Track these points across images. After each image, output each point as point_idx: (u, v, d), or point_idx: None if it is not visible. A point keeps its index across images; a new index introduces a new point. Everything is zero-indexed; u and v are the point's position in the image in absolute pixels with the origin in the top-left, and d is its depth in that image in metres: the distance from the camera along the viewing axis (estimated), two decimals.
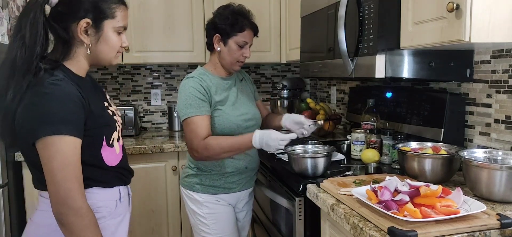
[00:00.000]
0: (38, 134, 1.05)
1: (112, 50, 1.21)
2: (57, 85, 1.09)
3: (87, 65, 1.22)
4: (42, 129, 1.05)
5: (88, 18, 1.13)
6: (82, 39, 1.14)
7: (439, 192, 1.14)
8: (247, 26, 1.71)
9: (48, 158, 1.05)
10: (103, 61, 1.22)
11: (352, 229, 1.16)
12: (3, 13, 2.25)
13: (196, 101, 1.64)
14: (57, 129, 1.05)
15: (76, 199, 1.06)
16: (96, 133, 1.17)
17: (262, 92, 3.40)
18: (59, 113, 1.07)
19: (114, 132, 1.24)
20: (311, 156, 1.65)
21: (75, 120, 1.09)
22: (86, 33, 1.15)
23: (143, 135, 2.92)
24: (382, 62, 1.50)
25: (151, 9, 2.72)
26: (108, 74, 3.09)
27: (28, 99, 1.07)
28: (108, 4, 1.16)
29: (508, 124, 1.51)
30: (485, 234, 1.05)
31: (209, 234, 1.77)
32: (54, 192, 1.06)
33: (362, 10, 1.58)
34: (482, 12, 1.19)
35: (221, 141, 1.62)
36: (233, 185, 1.79)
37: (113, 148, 1.23)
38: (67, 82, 1.11)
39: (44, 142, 1.05)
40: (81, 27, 1.13)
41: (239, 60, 1.75)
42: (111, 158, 1.22)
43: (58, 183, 1.05)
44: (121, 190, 1.28)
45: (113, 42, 1.20)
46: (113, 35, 1.19)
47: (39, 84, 1.08)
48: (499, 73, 1.53)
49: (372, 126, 1.92)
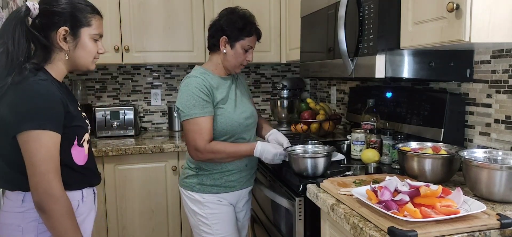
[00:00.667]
0: (22, 127, 1.15)
1: (89, 56, 1.33)
2: (42, 84, 1.19)
3: (65, 70, 1.32)
4: (28, 123, 1.15)
5: (66, 26, 1.25)
6: (61, 46, 1.26)
7: (439, 192, 1.14)
8: (254, 32, 1.77)
9: (32, 151, 1.15)
10: (80, 66, 1.33)
11: (352, 229, 1.16)
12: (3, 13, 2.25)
13: (200, 101, 1.65)
14: (42, 124, 1.16)
15: (56, 188, 1.18)
16: (70, 132, 1.26)
17: (262, 92, 3.40)
18: (43, 109, 1.17)
19: (86, 133, 1.35)
20: (311, 156, 1.64)
21: (57, 117, 1.20)
22: (65, 40, 1.26)
23: (143, 135, 2.92)
24: (382, 62, 1.50)
25: (151, 9, 2.72)
26: (108, 74, 3.09)
27: (13, 95, 1.17)
28: (84, 14, 1.28)
29: (508, 124, 1.51)
30: (485, 234, 1.05)
31: (211, 234, 1.77)
32: (37, 182, 1.16)
33: (362, 10, 1.58)
34: (482, 12, 1.18)
35: (227, 147, 1.69)
36: (233, 183, 1.79)
37: (83, 148, 1.33)
38: (49, 82, 1.23)
39: (29, 135, 1.15)
40: (60, 35, 1.25)
41: (243, 64, 1.79)
42: (79, 158, 1.31)
43: (41, 174, 1.15)
44: (84, 191, 1.36)
45: (90, 48, 1.32)
46: (90, 42, 1.31)
47: (23, 82, 1.17)
48: (499, 73, 1.53)
49: (372, 126, 1.92)
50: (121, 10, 2.67)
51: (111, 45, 2.66)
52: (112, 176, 2.50)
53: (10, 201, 1.26)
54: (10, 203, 1.25)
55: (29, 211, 1.23)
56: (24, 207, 1.23)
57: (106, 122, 2.80)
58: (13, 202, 1.25)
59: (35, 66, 1.22)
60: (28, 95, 1.17)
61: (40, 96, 1.18)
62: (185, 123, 1.67)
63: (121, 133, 2.83)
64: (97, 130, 2.79)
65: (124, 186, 2.52)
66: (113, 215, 2.53)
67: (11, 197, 1.25)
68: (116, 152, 2.45)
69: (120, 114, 2.82)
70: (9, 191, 1.26)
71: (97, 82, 3.08)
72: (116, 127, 2.82)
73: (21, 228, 1.23)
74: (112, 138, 2.78)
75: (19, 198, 1.24)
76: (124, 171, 2.51)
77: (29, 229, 1.24)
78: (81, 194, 1.34)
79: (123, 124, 2.83)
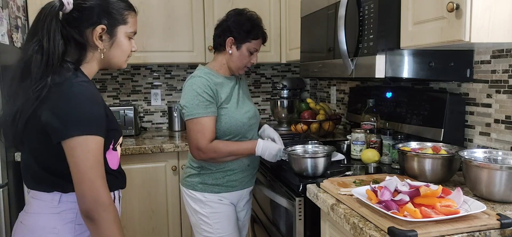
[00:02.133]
0: (69, 133, 1.08)
1: (124, 55, 1.27)
2: (86, 87, 1.14)
3: (97, 69, 1.26)
4: (75, 129, 1.08)
5: (103, 24, 1.18)
6: (97, 44, 1.18)
7: (439, 192, 1.14)
8: (261, 35, 1.78)
9: (80, 157, 1.08)
10: (114, 65, 1.28)
11: (352, 229, 1.16)
12: (3, 13, 2.25)
13: (204, 101, 1.65)
14: (89, 129, 1.09)
15: (105, 195, 1.11)
16: (108, 136, 1.19)
17: (262, 92, 3.40)
18: (90, 114, 1.11)
19: (120, 137, 1.30)
20: (311, 156, 1.64)
21: (101, 121, 1.14)
22: (101, 38, 1.19)
23: (143, 135, 2.92)
24: (382, 62, 1.50)
25: (151, 9, 2.72)
26: (108, 74, 3.09)
27: (57, 98, 1.09)
28: (120, 11, 1.21)
29: (508, 124, 1.51)
30: (485, 234, 1.05)
31: (212, 233, 1.77)
32: (86, 190, 1.09)
33: (362, 10, 1.58)
34: (482, 12, 1.18)
35: (228, 145, 1.69)
36: (235, 183, 1.79)
37: (116, 152, 1.27)
38: (92, 84, 1.18)
39: (76, 141, 1.08)
40: (97, 33, 1.17)
41: (247, 65, 1.80)
42: (113, 162, 1.26)
43: (90, 182, 1.09)
44: (116, 193, 1.32)
45: (125, 47, 1.26)
46: (125, 40, 1.25)
47: (66, 84, 1.11)
48: (499, 73, 1.53)
49: (372, 126, 1.92)
50: None
51: None
52: None
53: (41, 202, 1.17)
54: (42, 204, 1.17)
55: (65, 212, 1.17)
56: (60, 208, 1.17)
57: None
58: (46, 203, 1.17)
59: (74, 66, 1.16)
60: (73, 99, 1.10)
61: (85, 100, 1.11)
62: (188, 123, 1.67)
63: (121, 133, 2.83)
64: None
65: None
66: None
67: (45, 198, 1.17)
68: None
69: (120, 114, 2.82)
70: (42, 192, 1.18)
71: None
72: None
73: (57, 230, 1.16)
74: None
75: (55, 199, 1.16)
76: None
77: (65, 231, 1.17)
78: (113, 196, 1.28)
79: (123, 124, 2.83)
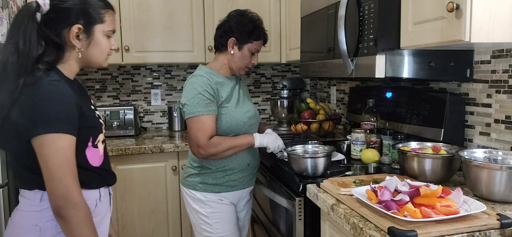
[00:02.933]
0: (37, 131, 1.10)
1: (103, 53, 1.27)
2: (55, 86, 1.14)
3: (77, 68, 1.27)
4: (42, 127, 1.10)
5: (80, 24, 1.19)
6: (74, 44, 1.20)
7: (439, 192, 1.14)
8: (262, 36, 1.80)
9: (48, 155, 1.10)
10: (94, 64, 1.28)
11: (352, 229, 1.16)
12: (3, 13, 2.25)
13: (205, 100, 1.66)
14: (57, 127, 1.11)
15: (74, 194, 1.13)
16: (84, 133, 1.21)
17: (262, 92, 3.40)
18: (58, 112, 1.12)
19: (100, 134, 1.30)
20: (311, 156, 1.65)
21: (72, 119, 1.15)
22: (78, 38, 1.20)
23: (143, 135, 2.92)
24: (382, 62, 1.50)
25: (151, 9, 2.72)
26: (108, 74, 3.09)
27: (26, 98, 1.11)
28: (97, 10, 1.22)
29: (508, 124, 1.51)
30: (485, 234, 1.05)
31: (212, 233, 1.78)
32: (54, 188, 1.11)
33: (362, 10, 1.58)
34: (482, 12, 1.18)
35: (227, 139, 1.70)
36: (235, 183, 1.79)
37: (97, 149, 1.28)
38: (63, 83, 1.17)
39: (44, 139, 1.10)
40: (73, 33, 1.18)
41: (248, 66, 1.81)
42: (94, 159, 1.27)
43: (58, 179, 1.11)
44: (102, 191, 1.32)
45: (104, 46, 1.26)
46: (103, 39, 1.25)
47: (36, 84, 1.12)
48: (499, 73, 1.53)
49: (372, 126, 1.92)
50: (121, 10, 2.66)
51: None
52: None
53: (26, 200, 1.21)
54: (26, 202, 1.20)
55: (47, 210, 1.18)
56: (42, 206, 1.19)
57: (106, 122, 2.80)
58: (30, 201, 1.20)
59: (48, 66, 1.17)
60: (42, 98, 1.11)
61: (53, 98, 1.12)
62: (189, 121, 1.68)
63: (121, 133, 2.83)
64: None
65: (124, 186, 2.52)
66: (113, 215, 2.51)
67: (28, 196, 1.20)
68: (116, 152, 2.45)
69: (120, 114, 2.82)
70: (26, 190, 1.21)
71: (97, 82, 3.08)
72: (116, 127, 2.82)
73: (39, 227, 1.19)
74: (112, 138, 2.78)
75: (37, 197, 1.19)
76: (124, 171, 2.51)
77: (46, 229, 1.19)
78: (99, 193, 1.30)
79: (123, 124, 2.83)
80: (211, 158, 1.72)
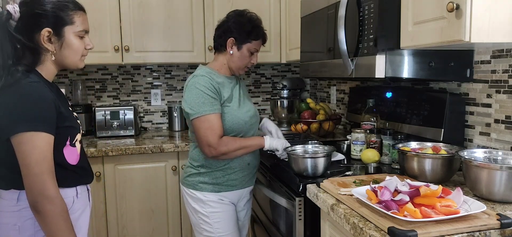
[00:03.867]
0: (16, 130, 1.16)
1: (76, 54, 1.31)
2: (34, 87, 1.20)
3: (55, 70, 1.32)
4: (21, 126, 1.16)
5: (49, 27, 1.23)
6: (46, 47, 1.25)
7: (439, 192, 1.14)
8: (261, 36, 1.80)
9: (26, 152, 1.16)
10: (69, 65, 1.32)
11: (352, 229, 1.16)
12: None
13: (209, 99, 1.66)
14: (34, 126, 1.17)
15: (51, 189, 1.18)
16: (62, 132, 1.26)
17: (262, 92, 3.40)
18: (36, 111, 1.18)
19: (78, 133, 1.36)
20: (311, 156, 1.65)
21: (49, 118, 1.21)
22: (50, 41, 1.25)
23: (143, 135, 2.92)
24: (382, 62, 1.50)
25: (151, 9, 2.72)
26: (108, 74, 3.09)
27: (6, 98, 1.18)
28: (65, 12, 1.26)
29: (508, 124, 1.51)
30: (485, 234, 1.05)
31: (212, 233, 1.77)
32: (31, 183, 1.17)
33: (362, 10, 1.58)
34: (482, 12, 1.18)
35: (237, 140, 1.71)
36: (235, 182, 1.80)
37: (75, 148, 1.34)
38: (42, 84, 1.24)
39: (22, 137, 1.16)
40: (43, 36, 1.24)
41: (247, 66, 1.82)
42: (72, 157, 1.32)
43: (35, 175, 1.16)
44: (78, 188, 1.37)
45: (76, 46, 1.30)
46: (75, 40, 1.29)
47: (16, 85, 1.18)
48: (499, 73, 1.53)
49: (372, 126, 1.92)
50: (121, 10, 2.67)
51: (111, 45, 2.67)
52: (112, 176, 2.50)
53: (4, 200, 1.26)
54: (4, 202, 1.26)
55: (25, 209, 1.24)
56: (20, 206, 1.24)
57: (106, 122, 2.80)
58: (8, 202, 1.25)
59: (27, 68, 1.23)
60: (21, 98, 1.18)
61: (32, 98, 1.18)
62: (196, 121, 1.67)
63: (121, 133, 2.83)
64: (97, 130, 2.79)
65: (124, 186, 2.52)
66: (113, 215, 2.53)
67: (6, 196, 1.26)
68: (116, 152, 2.45)
69: (120, 114, 2.82)
70: (3, 190, 1.26)
71: (97, 82, 3.08)
72: (116, 127, 2.82)
73: (18, 227, 1.24)
74: (112, 138, 2.78)
75: (14, 197, 1.24)
76: (124, 171, 2.51)
77: (25, 228, 1.25)
78: (75, 191, 1.35)
79: (123, 124, 2.83)
80: (222, 157, 1.71)
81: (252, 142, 1.75)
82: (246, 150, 1.73)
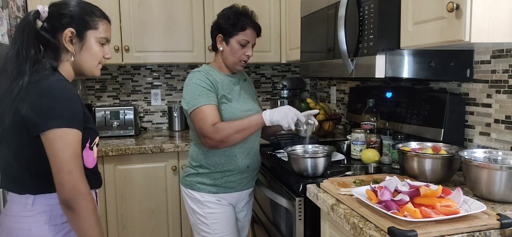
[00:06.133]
0: (49, 125, 1.13)
1: (94, 59, 1.32)
2: (63, 83, 1.21)
3: (72, 74, 1.31)
4: (55, 122, 1.14)
5: (72, 27, 1.25)
6: (67, 47, 1.25)
7: (439, 192, 1.14)
8: (248, 25, 1.74)
9: (59, 149, 1.14)
10: (85, 69, 1.32)
11: (352, 229, 1.16)
12: (3, 13, 2.25)
13: (204, 91, 1.66)
14: (68, 122, 1.15)
15: (84, 186, 1.17)
16: (84, 134, 1.24)
17: (262, 92, 3.40)
18: (68, 108, 1.17)
19: (97, 137, 1.35)
20: (311, 156, 1.64)
21: (79, 116, 1.20)
22: (71, 41, 1.26)
23: (143, 135, 2.92)
24: (382, 62, 1.50)
25: (151, 9, 2.72)
26: (108, 74, 3.09)
27: (35, 94, 1.15)
28: (91, 17, 1.29)
29: (508, 124, 1.51)
30: (485, 234, 1.05)
31: (209, 233, 1.77)
32: (65, 181, 1.14)
33: (362, 10, 1.58)
34: (482, 12, 1.18)
35: (233, 123, 1.64)
36: (234, 184, 1.79)
37: (92, 152, 1.32)
38: (68, 82, 1.25)
39: (55, 133, 1.13)
40: (66, 36, 1.24)
41: (242, 59, 1.78)
42: (89, 161, 1.31)
43: (70, 172, 1.14)
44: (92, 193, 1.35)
45: (95, 52, 1.31)
46: (96, 45, 1.30)
47: (44, 81, 1.17)
48: (499, 73, 1.53)
49: (372, 126, 1.92)
50: (121, 10, 2.67)
51: (111, 45, 2.67)
52: (112, 176, 2.50)
53: (16, 205, 1.23)
54: (16, 207, 1.23)
55: (40, 214, 1.21)
56: (34, 211, 1.22)
57: (106, 122, 2.80)
58: (20, 206, 1.22)
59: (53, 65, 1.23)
60: (52, 94, 1.16)
61: (63, 95, 1.18)
62: (192, 115, 1.67)
63: (121, 133, 2.83)
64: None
65: (124, 186, 2.52)
66: (113, 215, 2.53)
67: (19, 200, 1.22)
68: (116, 152, 2.45)
69: (120, 114, 2.82)
70: (16, 194, 1.23)
71: (97, 82, 3.08)
72: (116, 127, 2.82)
73: (32, 232, 1.21)
74: (112, 138, 2.78)
75: (28, 202, 1.21)
76: (124, 171, 2.51)
77: (40, 232, 1.22)
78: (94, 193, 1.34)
79: (123, 124, 2.83)
80: (222, 145, 1.66)
81: (250, 122, 1.65)
82: (245, 132, 1.65)
